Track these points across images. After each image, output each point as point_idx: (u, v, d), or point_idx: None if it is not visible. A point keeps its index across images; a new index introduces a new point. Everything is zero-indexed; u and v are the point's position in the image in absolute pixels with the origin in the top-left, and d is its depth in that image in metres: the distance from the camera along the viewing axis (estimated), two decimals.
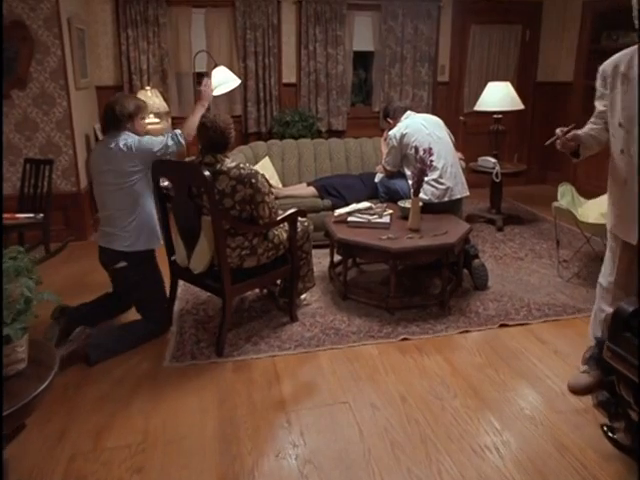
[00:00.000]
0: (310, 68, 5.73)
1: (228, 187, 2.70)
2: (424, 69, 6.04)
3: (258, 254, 2.91)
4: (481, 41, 6.23)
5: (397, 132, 3.91)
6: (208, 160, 2.77)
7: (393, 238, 3.25)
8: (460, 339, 3.00)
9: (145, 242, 2.95)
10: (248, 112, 5.68)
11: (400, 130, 3.89)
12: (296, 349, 2.92)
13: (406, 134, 3.84)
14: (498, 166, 4.78)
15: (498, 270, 3.90)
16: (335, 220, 3.61)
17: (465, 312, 3.27)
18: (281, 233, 3.04)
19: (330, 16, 5.63)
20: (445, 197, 3.78)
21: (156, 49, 5.40)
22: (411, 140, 3.81)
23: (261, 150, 4.83)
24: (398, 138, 3.89)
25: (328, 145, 5.00)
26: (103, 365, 2.82)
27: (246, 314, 3.32)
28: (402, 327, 3.11)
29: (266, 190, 2.79)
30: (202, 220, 2.79)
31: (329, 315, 3.27)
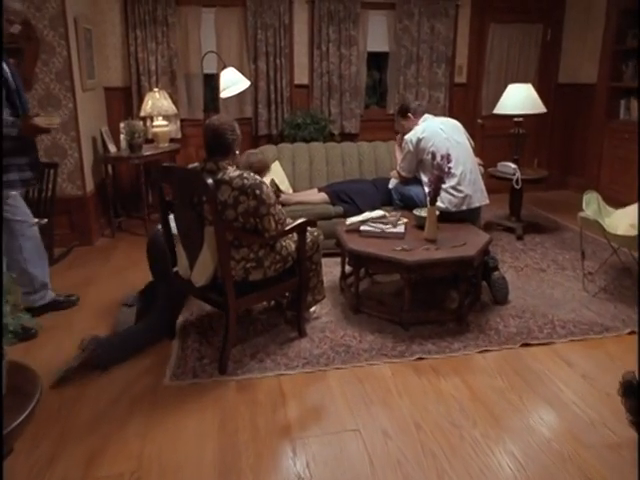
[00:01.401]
0: (323, 69, 5.56)
1: (230, 198, 2.54)
2: (441, 70, 5.83)
3: (264, 267, 2.74)
4: (500, 41, 6.02)
5: (413, 136, 3.73)
6: (210, 167, 2.60)
7: (408, 249, 3.07)
8: (479, 359, 2.81)
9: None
10: (259, 114, 5.52)
11: (417, 134, 3.71)
12: (304, 367, 2.74)
13: (423, 138, 3.66)
14: (519, 172, 4.56)
15: (519, 283, 3.69)
16: (347, 229, 3.44)
17: (484, 329, 3.08)
18: (289, 244, 2.87)
19: (344, 15, 5.46)
20: (463, 205, 3.58)
21: (165, 50, 5.26)
22: (428, 145, 3.62)
23: (271, 154, 4.66)
24: (414, 143, 3.70)
25: (340, 149, 4.82)
26: (100, 382, 2.68)
27: (252, 328, 3.15)
28: (417, 345, 2.92)
29: (271, 201, 2.62)
30: (205, 231, 2.63)
31: (339, 330, 3.10)
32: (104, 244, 4.79)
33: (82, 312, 3.41)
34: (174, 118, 5.38)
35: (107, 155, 4.95)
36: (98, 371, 2.73)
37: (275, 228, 2.65)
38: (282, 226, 2.70)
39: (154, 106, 5.01)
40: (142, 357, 2.91)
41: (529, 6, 5.83)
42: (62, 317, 3.31)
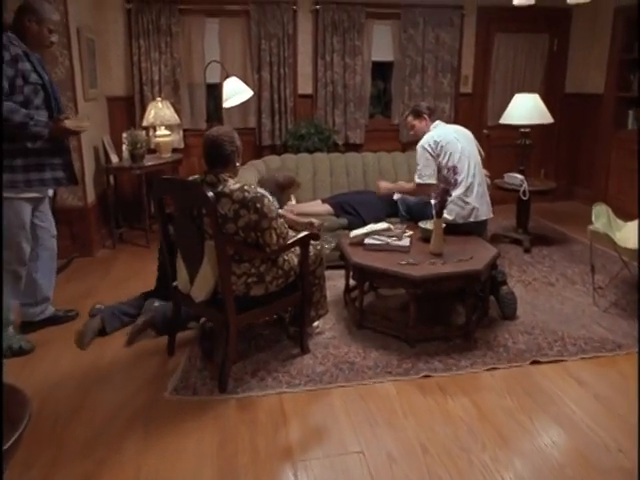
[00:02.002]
0: (327, 79, 5.51)
1: (231, 211, 2.47)
2: (446, 80, 5.78)
3: (266, 282, 2.66)
4: (506, 51, 5.97)
5: (429, 139, 3.60)
6: (210, 179, 2.54)
7: (413, 263, 2.99)
8: (487, 377, 2.72)
9: None
10: (262, 124, 5.48)
11: (433, 137, 3.59)
12: (306, 385, 2.66)
13: (440, 141, 3.54)
14: (526, 183, 4.48)
15: (527, 297, 3.60)
16: (351, 242, 3.36)
17: (492, 346, 2.99)
18: (292, 258, 2.80)
19: (348, 25, 5.42)
20: (470, 218, 3.51)
21: (168, 59, 5.23)
22: (444, 149, 3.52)
23: (274, 164, 4.61)
24: (432, 145, 3.55)
25: (345, 159, 4.76)
26: (98, 394, 2.63)
27: (253, 343, 3.07)
28: (423, 362, 2.84)
29: (273, 215, 2.54)
30: (205, 245, 2.56)
31: (343, 346, 3.01)
32: (105, 255, 4.73)
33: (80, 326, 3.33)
34: (177, 128, 5.33)
35: (109, 165, 4.91)
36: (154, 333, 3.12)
37: (277, 242, 2.58)
38: (284, 240, 2.63)
39: (156, 116, 4.97)
40: (145, 367, 2.86)
41: (535, 16, 5.77)
42: (60, 331, 3.24)
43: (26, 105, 2.72)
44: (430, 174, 3.57)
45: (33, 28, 2.76)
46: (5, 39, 2.66)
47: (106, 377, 2.79)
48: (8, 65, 2.64)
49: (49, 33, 2.82)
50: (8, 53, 2.64)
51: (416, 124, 3.79)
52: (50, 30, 2.81)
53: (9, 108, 2.63)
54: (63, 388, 2.69)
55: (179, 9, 5.16)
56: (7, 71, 2.64)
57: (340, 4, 5.36)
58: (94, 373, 2.82)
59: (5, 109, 2.61)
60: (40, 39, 2.81)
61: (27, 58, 2.74)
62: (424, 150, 3.60)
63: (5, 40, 2.66)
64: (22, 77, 2.70)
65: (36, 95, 2.77)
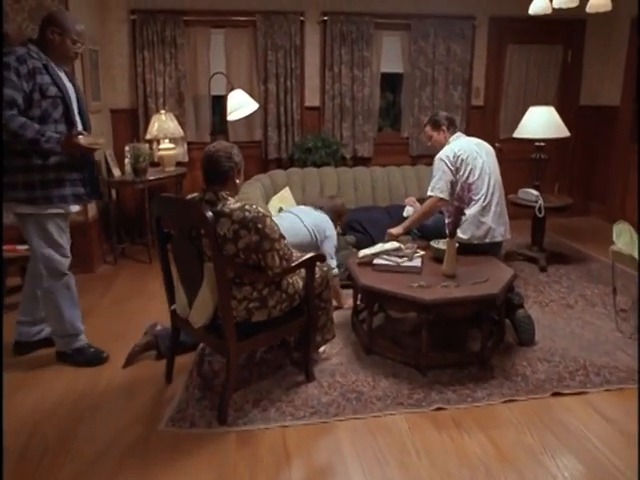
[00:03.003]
0: (335, 91, 5.38)
1: (230, 232, 2.32)
2: (457, 92, 5.64)
3: (269, 307, 2.50)
4: (519, 62, 5.82)
5: (449, 151, 3.40)
6: (209, 197, 2.40)
7: (425, 286, 2.82)
8: (505, 410, 2.53)
9: None
10: (268, 137, 5.35)
11: (453, 150, 3.39)
12: (311, 418, 2.49)
13: (460, 155, 3.36)
14: (541, 199, 4.31)
15: (545, 320, 3.41)
16: (359, 262, 3.20)
17: (510, 374, 2.80)
18: (296, 281, 2.64)
19: (356, 36, 5.30)
20: (486, 238, 3.34)
21: (173, 71, 5.13)
22: (465, 163, 3.34)
23: (280, 179, 4.47)
24: (452, 159, 3.36)
25: (353, 174, 4.62)
26: (91, 424, 2.47)
27: (256, 369, 2.91)
28: (436, 392, 2.66)
29: (276, 236, 2.39)
30: (204, 267, 2.41)
31: (351, 374, 2.84)
32: (106, 271, 4.59)
33: None
34: (181, 141, 5.22)
35: (111, 179, 4.78)
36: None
37: (280, 265, 2.42)
38: (287, 262, 2.47)
39: (160, 129, 4.85)
40: (141, 395, 2.70)
41: (549, 27, 5.63)
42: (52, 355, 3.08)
43: (44, 119, 2.64)
44: (444, 188, 3.36)
45: (56, 40, 2.69)
46: (23, 51, 2.60)
47: (100, 405, 2.63)
48: (24, 79, 2.56)
49: (73, 44, 2.74)
50: (25, 66, 2.57)
51: (434, 135, 3.60)
52: (74, 41, 2.74)
53: (20, 124, 2.53)
54: (54, 417, 2.54)
55: (184, 20, 5.06)
56: (24, 85, 2.56)
57: (348, 15, 5.25)
58: (88, 400, 2.67)
59: (16, 124, 2.52)
60: (64, 50, 2.73)
61: (47, 70, 2.67)
62: (442, 162, 3.40)
63: (23, 52, 2.60)
64: (39, 91, 2.62)
65: (55, 109, 2.68)
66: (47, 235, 2.80)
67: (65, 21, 2.71)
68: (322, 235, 3.40)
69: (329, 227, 3.45)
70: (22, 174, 2.66)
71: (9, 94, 2.53)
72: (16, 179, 2.66)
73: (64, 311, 2.92)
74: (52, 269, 2.85)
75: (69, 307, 2.93)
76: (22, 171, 2.66)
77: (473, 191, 2.93)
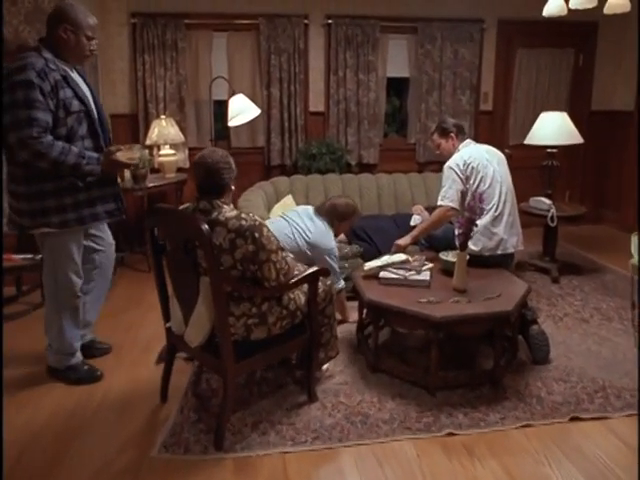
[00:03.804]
0: (339, 96, 5.25)
1: (226, 241, 2.18)
2: (465, 97, 5.49)
3: (269, 324, 2.36)
4: (528, 66, 5.67)
5: (459, 159, 3.25)
6: (203, 206, 2.26)
7: (434, 302, 2.67)
8: (520, 436, 2.37)
9: None
10: (271, 143, 5.22)
11: (463, 157, 3.25)
12: (313, 443, 2.34)
13: (470, 163, 3.21)
14: (554, 208, 4.15)
15: (559, 336, 3.25)
16: (365, 275, 3.06)
17: (524, 396, 2.64)
18: (298, 296, 2.50)
19: (362, 40, 5.16)
20: (498, 250, 3.19)
21: (174, 75, 5.01)
22: (475, 171, 3.19)
23: (283, 186, 4.33)
24: (462, 167, 3.21)
25: (358, 181, 4.48)
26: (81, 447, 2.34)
27: (256, 389, 2.76)
28: (446, 415, 2.50)
29: (273, 247, 2.25)
30: (201, 281, 2.27)
31: (355, 394, 2.69)
32: None
33: None
34: (182, 147, 5.09)
35: None
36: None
37: (276, 278, 2.27)
38: (285, 277, 2.32)
39: (160, 134, 4.73)
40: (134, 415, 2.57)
41: (559, 30, 5.47)
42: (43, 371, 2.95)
43: (70, 138, 2.48)
44: (454, 197, 3.22)
45: (70, 39, 2.46)
46: (41, 64, 2.38)
47: (90, 427, 2.49)
48: (49, 97, 2.38)
49: (88, 41, 2.51)
50: (47, 83, 2.37)
51: (442, 143, 3.44)
52: (89, 37, 2.51)
53: (59, 150, 2.40)
54: (42, 439, 2.40)
55: (185, 24, 4.93)
56: (50, 104, 2.38)
57: (354, 18, 5.12)
58: (78, 421, 2.53)
59: (56, 152, 2.38)
60: (80, 50, 2.51)
61: (67, 83, 2.48)
62: (451, 171, 3.25)
63: (42, 66, 2.38)
64: (64, 107, 2.44)
65: (80, 125, 2.52)
66: (67, 254, 2.68)
67: (77, 16, 2.47)
68: (316, 249, 3.17)
69: (326, 241, 3.19)
70: (53, 198, 2.51)
71: (41, 117, 2.34)
72: (47, 204, 2.50)
73: (66, 330, 2.80)
74: (67, 290, 2.73)
75: (71, 327, 2.81)
76: (53, 195, 2.51)
77: (485, 201, 2.78)
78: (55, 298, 2.75)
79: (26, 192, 2.49)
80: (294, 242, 3.15)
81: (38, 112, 2.33)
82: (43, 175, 2.46)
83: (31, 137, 2.32)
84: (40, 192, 2.49)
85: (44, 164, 2.40)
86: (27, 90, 2.31)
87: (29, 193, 2.49)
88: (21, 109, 2.31)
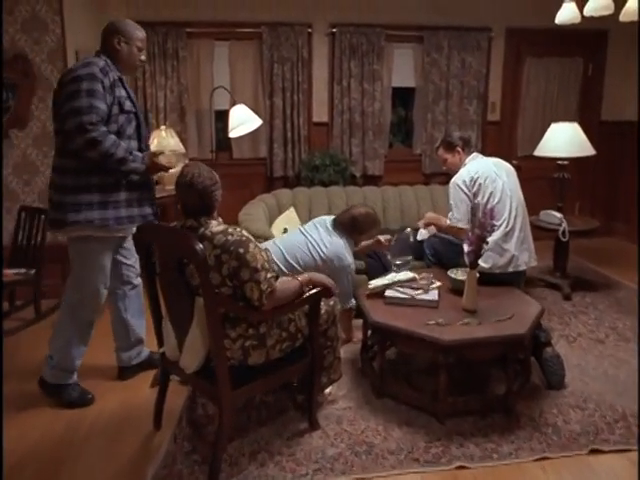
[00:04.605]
0: (344, 106, 5.14)
1: (212, 258, 2.05)
2: (472, 107, 5.37)
3: (267, 346, 2.22)
4: (537, 76, 5.55)
5: (465, 175, 3.15)
6: (190, 224, 2.15)
7: (443, 324, 2.53)
8: (537, 470, 2.22)
9: None
10: (274, 154, 5.10)
11: (470, 173, 3.13)
12: (315, 476, 2.19)
13: (477, 178, 3.09)
14: (565, 223, 4.01)
15: (574, 358, 3.10)
16: (369, 293, 2.92)
17: (539, 425, 2.49)
18: (299, 317, 2.36)
19: (367, 49, 5.06)
20: (509, 267, 3.05)
21: (174, 85, 4.92)
22: (483, 187, 3.08)
23: (285, 199, 4.21)
24: (468, 183, 3.11)
25: (363, 193, 4.35)
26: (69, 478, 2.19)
27: (255, 414, 2.62)
28: (456, 445, 2.35)
29: (257, 265, 2.07)
30: (195, 303, 2.13)
31: (359, 421, 2.54)
32: None
33: None
34: (182, 158, 4.96)
35: None
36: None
37: (258, 299, 2.10)
38: (270, 299, 2.12)
39: (160, 145, 4.60)
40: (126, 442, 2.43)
41: (568, 38, 5.36)
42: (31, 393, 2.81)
43: (119, 135, 2.53)
44: (463, 218, 3.14)
45: (123, 49, 2.60)
46: (103, 63, 2.51)
47: (80, 454, 2.36)
48: (107, 92, 2.47)
49: (139, 51, 2.66)
50: (107, 79, 2.48)
51: (448, 158, 3.35)
52: (139, 48, 2.66)
53: (112, 141, 2.43)
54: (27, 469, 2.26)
55: (187, 32, 4.85)
56: (107, 98, 2.46)
57: (358, 26, 5.02)
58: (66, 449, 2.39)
59: (109, 142, 2.42)
60: (132, 59, 2.65)
61: (122, 84, 2.60)
62: (458, 189, 3.14)
63: (103, 64, 2.51)
64: (118, 105, 2.53)
65: (129, 124, 2.59)
66: (99, 264, 2.64)
67: (129, 29, 2.62)
68: (332, 265, 3.05)
69: (343, 257, 3.07)
70: (98, 193, 2.52)
71: (100, 107, 2.42)
72: (93, 198, 2.51)
73: (72, 346, 2.71)
74: (91, 302, 2.68)
75: (78, 344, 2.72)
76: (98, 190, 2.52)
77: (496, 217, 2.64)
78: (74, 309, 2.68)
79: (74, 184, 2.50)
80: (310, 257, 3.05)
81: (98, 102, 2.41)
82: (91, 168, 2.49)
83: (90, 122, 2.38)
84: (87, 185, 2.50)
85: (95, 154, 2.41)
86: (90, 82, 2.41)
87: (77, 185, 2.50)
88: (83, 98, 2.39)
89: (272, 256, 3.02)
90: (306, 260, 3.04)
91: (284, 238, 3.24)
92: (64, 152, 2.51)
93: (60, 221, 2.53)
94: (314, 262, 3.04)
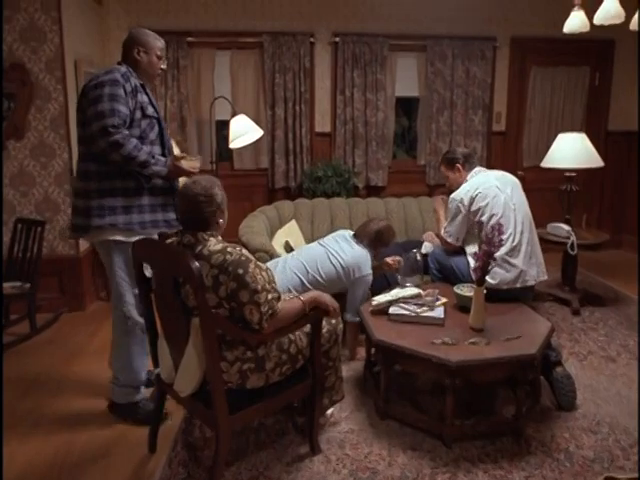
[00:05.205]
0: (346, 116, 5.06)
1: (209, 278, 1.96)
2: (477, 117, 5.29)
3: (267, 370, 2.12)
4: (543, 85, 5.47)
5: (464, 194, 3.09)
6: (187, 241, 2.06)
7: (450, 343, 2.43)
8: None
9: None
10: (275, 165, 5.02)
11: (469, 192, 3.07)
12: None
13: (477, 196, 3.03)
14: (574, 236, 3.90)
15: (585, 377, 2.99)
16: (373, 310, 2.82)
17: (551, 450, 2.38)
18: (299, 338, 2.26)
19: (370, 58, 4.99)
20: (517, 283, 2.95)
21: (175, 94, 4.85)
22: (483, 204, 3.01)
23: (287, 211, 4.12)
24: (466, 202, 3.05)
25: (366, 205, 4.26)
26: None
27: (253, 437, 2.51)
28: (464, 473, 2.24)
29: (257, 287, 1.98)
30: (191, 323, 2.04)
31: (363, 445, 2.44)
32: (98, 309, 4.25)
33: (59, 399, 2.86)
34: None
35: None
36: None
37: (258, 322, 2.01)
38: (269, 323, 2.03)
39: None
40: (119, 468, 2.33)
41: (575, 47, 5.29)
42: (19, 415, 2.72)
43: (142, 140, 2.53)
44: (453, 233, 3.19)
45: (143, 59, 2.63)
46: (125, 70, 2.54)
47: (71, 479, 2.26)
48: (130, 97, 2.49)
49: (158, 60, 2.70)
50: (129, 84, 2.50)
51: (450, 175, 3.32)
52: (159, 57, 2.70)
53: (134, 144, 2.42)
54: None
55: (188, 41, 4.79)
56: (129, 103, 2.48)
57: (361, 36, 4.96)
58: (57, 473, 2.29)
59: (131, 145, 2.40)
60: (152, 69, 2.68)
61: (144, 90, 2.63)
62: (455, 205, 3.12)
63: (125, 70, 2.54)
64: (141, 109, 2.54)
65: (152, 129, 2.60)
66: (129, 267, 2.56)
67: (148, 39, 2.66)
68: (352, 275, 3.09)
69: (363, 267, 3.11)
70: (122, 197, 2.51)
71: (122, 110, 2.43)
72: (116, 202, 2.51)
73: (134, 359, 2.64)
74: (135, 304, 2.62)
75: (139, 354, 2.67)
76: (121, 194, 2.51)
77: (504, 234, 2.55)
78: (122, 319, 2.63)
79: (98, 188, 2.49)
80: (331, 266, 3.07)
81: (120, 105, 2.42)
82: (114, 172, 2.49)
83: (113, 125, 2.38)
84: (111, 189, 2.50)
85: (117, 156, 2.40)
86: (112, 86, 2.43)
87: (101, 189, 2.49)
88: (105, 102, 2.40)
89: (292, 270, 3.06)
90: (327, 270, 3.07)
91: (303, 250, 3.25)
92: (87, 156, 2.52)
93: (85, 226, 2.52)
94: (335, 272, 3.08)
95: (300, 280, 3.03)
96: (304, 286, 3.00)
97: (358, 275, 3.10)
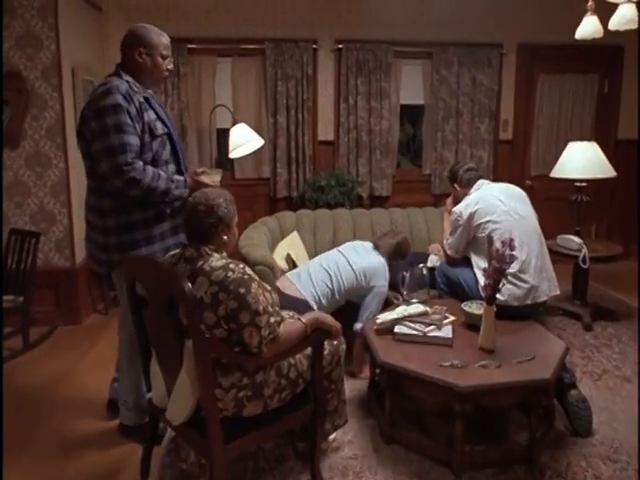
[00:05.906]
0: (350, 124, 4.95)
1: (208, 295, 1.85)
2: (483, 125, 5.17)
3: (265, 397, 2.00)
4: (551, 93, 5.35)
5: (464, 208, 3.04)
6: (189, 254, 1.95)
7: (459, 366, 2.30)
8: None
9: None
10: (277, 174, 4.91)
11: (469, 207, 3.01)
12: None
13: (477, 211, 2.97)
14: (585, 248, 3.77)
15: (600, 399, 2.85)
16: (378, 328, 2.69)
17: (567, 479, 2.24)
18: (300, 361, 2.14)
19: (374, 65, 4.88)
20: (528, 299, 2.83)
21: (175, 102, 4.75)
22: (483, 220, 2.93)
23: (289, 222, 4.00)
24: (465, 217, 3.01)
25: (370, 216, 4.14)
26: None
27: (251, 463, 2.39)
28: None
29: (259, 308, 1.87)
30: (185, 346, 1.92)
31: (367, 473, 2.31)
32: (95, 322, 4.15)
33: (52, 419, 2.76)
34: None
35: None
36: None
37: (257, 345, 1.89)
38: (271, 347, 1.92)
39: None
40: None
41: (583, 54, 5.16)
42: None
43: (155, 162, 2.33)
44: (453, 246, 3.20)
45: (146, 62, 2.35)
46: (125, 86, 2.26)
47: None
48: (136, 120, 2.24)
49: (163, 60, 2.39)
50: (133, 105, 2.24)
51: (452, 190, 3.40)
52: (164, 57, 2.39)
53: (152, 175, 2.24)
54: None
55: (188, 48, 4.69)
56: (137, 128, 2.24)
57: (365, 42, 4.85)
58: None
59: (149, 178, 2.22)
60: (156, 72, 2.40)
61: (149, 104, 2.36)
62: (456, 219, 3.11)
63: (126, 87, 2.26)
64: (149, 131, 2.30)
65: (163, 148, 2.38)
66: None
67: (151, 37, 2.36)
68: (370, 282, 3.03)
69: (380, 276, 3.06)
70: (141, 230, 2.35)
71: (132, 142, 2.20)
72: (136, 236, 2.34)
73: (142, 383, 2.46)
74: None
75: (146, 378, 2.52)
76: (141, 227, 2.35)
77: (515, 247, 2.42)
78: (129, 345, 2.50)
79: (115, 225, 2.32)
80: (352, 273, 3.03)
81: (129, 137, 2.20)
82: (131, 206, 2.31)
83: (126, 163, 2.18)
84: (129, 223, 2.33)
85: (136, 192, 2.23)
86: (116, 115, 2.18)
87: (119, 225, 2.33)
88: (112, 135, 2.18)
89: (317, 278, 3.01)
90: (349, 277, 3.03)
91: (322, 259, 3.18)
92: (100, 192, 2.33)
93: (107, 261, 2.39)
94: (355, 279, 3.03)
95: (327, 287, 2.99)
96: (333, 294, 2.99)
97: (374, 284, 3.05)
